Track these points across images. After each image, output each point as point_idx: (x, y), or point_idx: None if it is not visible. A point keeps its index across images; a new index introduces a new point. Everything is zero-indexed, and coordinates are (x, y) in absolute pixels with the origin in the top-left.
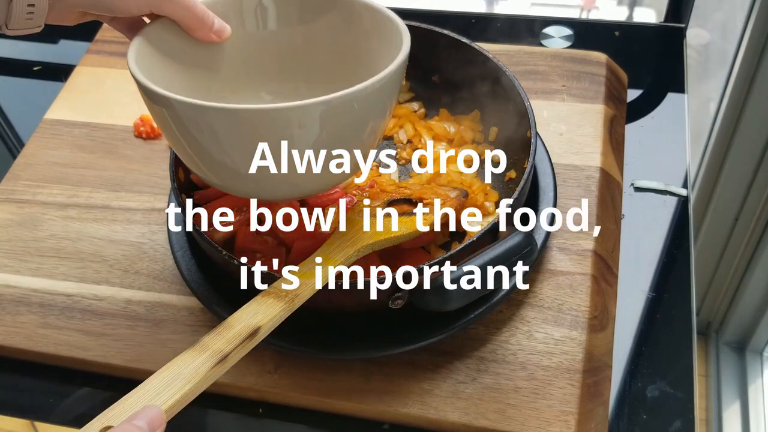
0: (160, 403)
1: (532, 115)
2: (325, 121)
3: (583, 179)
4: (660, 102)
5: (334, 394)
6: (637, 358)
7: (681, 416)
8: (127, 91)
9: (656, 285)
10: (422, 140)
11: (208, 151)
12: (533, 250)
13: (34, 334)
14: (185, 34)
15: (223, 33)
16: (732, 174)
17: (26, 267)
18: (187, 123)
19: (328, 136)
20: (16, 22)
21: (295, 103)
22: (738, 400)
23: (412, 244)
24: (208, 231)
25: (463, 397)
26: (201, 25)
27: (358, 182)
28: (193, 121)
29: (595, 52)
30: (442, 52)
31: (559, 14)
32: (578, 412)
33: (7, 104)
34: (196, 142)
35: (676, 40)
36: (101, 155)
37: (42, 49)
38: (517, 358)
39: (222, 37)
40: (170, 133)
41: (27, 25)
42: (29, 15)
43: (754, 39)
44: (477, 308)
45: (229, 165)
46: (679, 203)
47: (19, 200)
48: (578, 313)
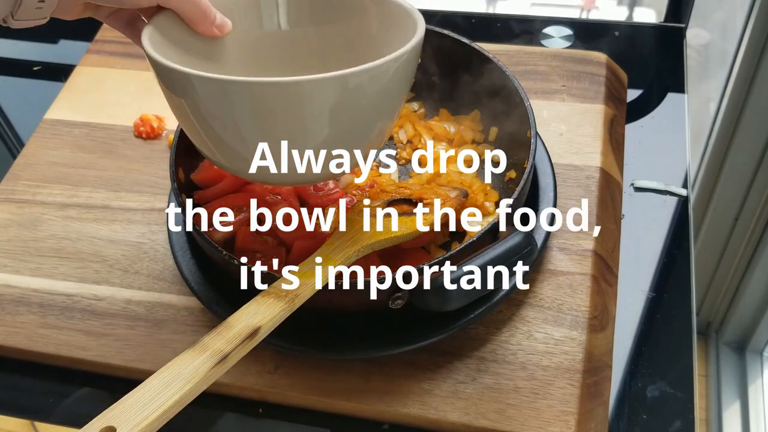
0: (160, 403)
1: (532, 115)
2: (350, 94)
3: (583, 179)
4: (660, 102)
5: (334, 394)
6: (637, 358)
7: (681, 416)
8: (127, 91)
9: (656, 285)
10: (422, 140)
11: (231, 127)
12: (533, 250)
13: (34, 334)
14: (188, 27)
15: (224, 28)
16: (732, 174)
17: (26, 267)
18: (210, 99)
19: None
20: (24, 12)
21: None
22: (738, 400)
23: (412, 244)
24: (208, 231)
25: (463, 397)
26: (204, 19)
27: (358, 182)
28: (219, 97)
29: (595, 52)
30: (442, 52)
31: (559, 14)
32: (578, 412)
33: (7, 104)
34: (217, 119)
35: (676, 40)
36: (101, 155)
37: (42, 49)
38: (517, 358)
39: (223, 32)
40: (188, 112)
41: (35, 15)
42: (40, 3)
43: (754, 39)
44: (477, 308)
45: (246, 141)
46: (679, 203)
47: (19, 200)
48: (578, 313)
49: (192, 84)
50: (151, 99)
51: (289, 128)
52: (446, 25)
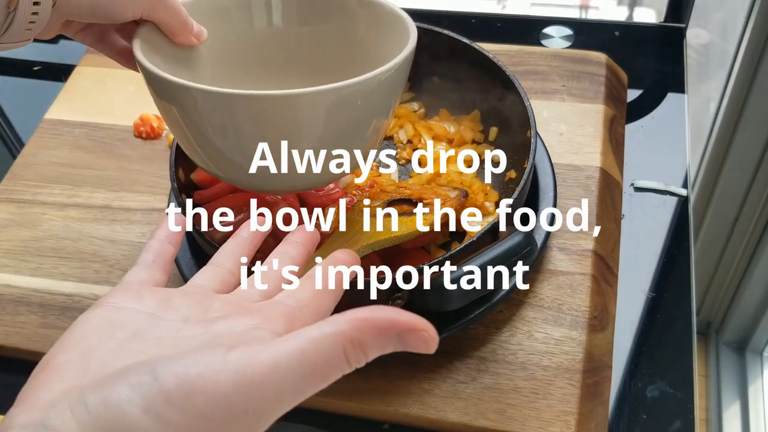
0: None
1: (532, 115)
2: (337, 109)
3: (583, 179)
4: (660, 102)
5: (334, 394)
6: (637, 358)
7: (681, 416)
8: (127, 92)
9: (656, 285)
10: (422, 140)
11: (223, 137)
12: (533, 250)
13: (34, 334)
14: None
15: (201, 36)
16: (732, 174)
17: (26, 267)
18: (204, 110)
19: (333, 128)
20: (12, 35)
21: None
22: (738, 400)
23: (412, 244)
24: (208, 231)
25: (463, 397)
26: (183, 29)
27: (358, 182)
28: (210, 108)
29: (595, 52)
30: (442, 52)
31: (559, 14)
32: (578, 412)
33: (7, 104)
34: (211, 130)
35: (676, 40)
36: (101, 155)
37: (42, 49)
38: (517, 358)
39: (201, 40)
40: (182, 122)
41: (23, 36)
42: (30, 24)
43: (754, 39)
44: (477, 308)
45: (242, 152)
46: (679, 203)
47: (19, 200)
48: (578, 313)
49: (186, 94)
50: (151, 99)
51: (280, 134)
52: (446, 24)
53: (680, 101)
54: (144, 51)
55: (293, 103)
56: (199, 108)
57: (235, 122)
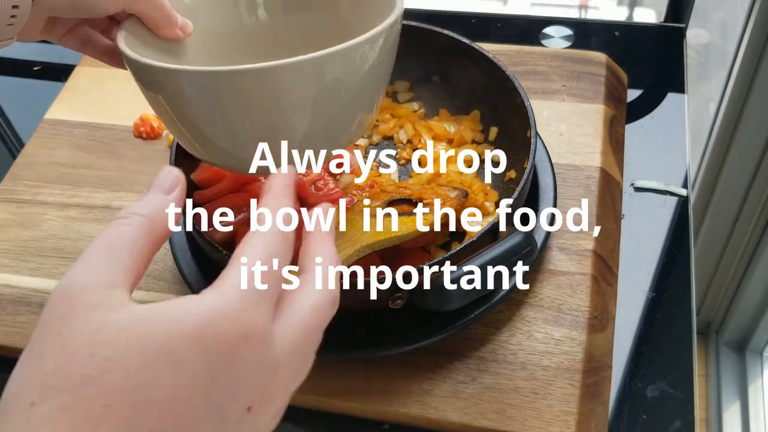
0: None
1: (532, 115)
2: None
3: (583, 179)
4: (660, 102)
5: (334, 394)
6: (637, 358)
7: (681, 416)
8: (127, 91)
9: (656, 285)
10: (422, 140)
11: (219, 117)
12: (533, 250)
13: None
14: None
15: (186, 28)
16: (732, 174)
17: (26, 267)
18: (189, 91)
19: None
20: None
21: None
22: (738, 400)
23: (412, 244)
24: (208, 231)
25: (463, 397)
26: (167, 23)
27: (358, 182)
28: (196, 88)
29: (595, 52)
30: (442, 52)
31: (559, 14)
32: (578, 412)
33: (7, 104)
34: (204, 114)
35: (676, 40)
36: (101, 155)
37: (42, 49)
38: (517, 358)
39: (186, 33)
40: (169, 109)
41: (6, 33)
42: (12, 18)
43: (754, 39)
44: (477, 308)
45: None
46: (679, 203)
47: (19, 200)
48: (578, 313)
49: (170, 77)
50: None
51: (267, 110)
52: (446, 24)
53: (680, 101)
54: (129, 43)
55: (277, 75)
56: (184, 90)
57: (221, 102)
